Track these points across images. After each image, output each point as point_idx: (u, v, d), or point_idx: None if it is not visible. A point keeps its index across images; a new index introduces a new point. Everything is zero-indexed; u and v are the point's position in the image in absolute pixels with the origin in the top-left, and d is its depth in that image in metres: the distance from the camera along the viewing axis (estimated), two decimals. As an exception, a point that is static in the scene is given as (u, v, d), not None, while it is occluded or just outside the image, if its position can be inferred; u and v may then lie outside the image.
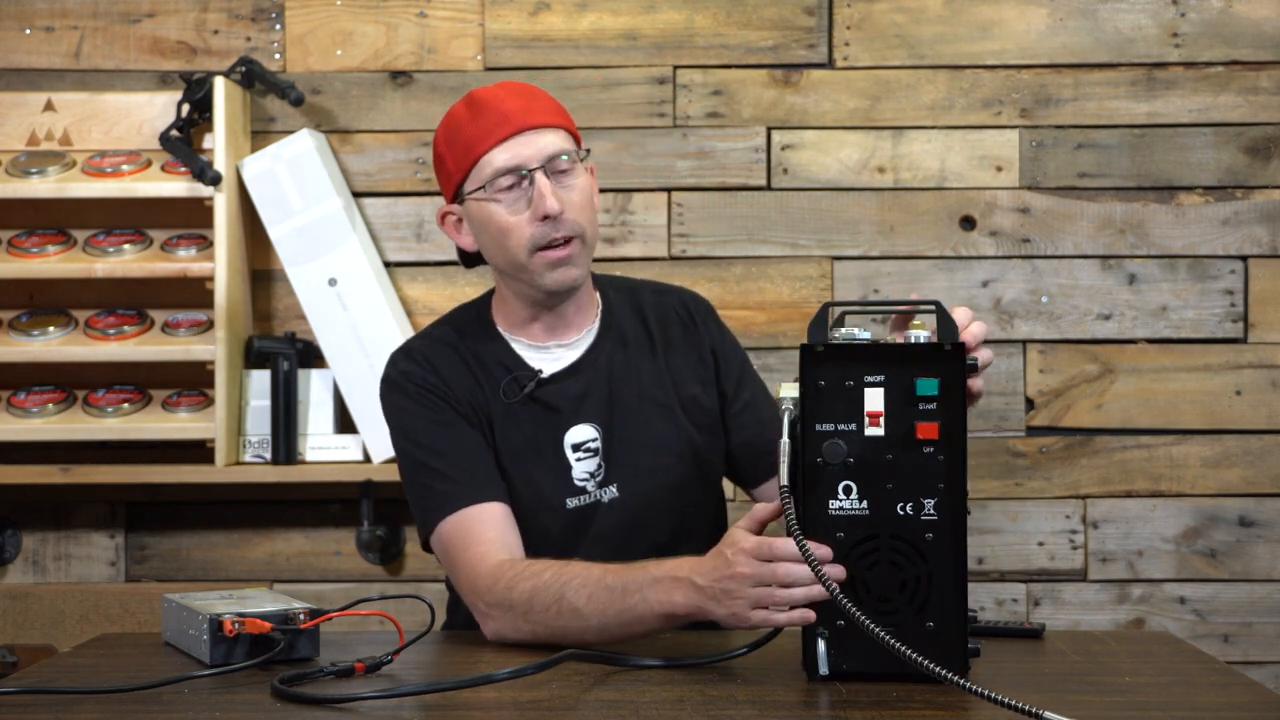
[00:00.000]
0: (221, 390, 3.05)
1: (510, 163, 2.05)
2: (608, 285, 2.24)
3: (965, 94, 3.21)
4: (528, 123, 2.05)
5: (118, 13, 3.25)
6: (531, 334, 2.14)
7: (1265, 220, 3.20)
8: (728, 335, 2.25)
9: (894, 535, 1.67)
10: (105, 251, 3.13)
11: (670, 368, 2.16)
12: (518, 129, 2.05)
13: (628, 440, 2.10)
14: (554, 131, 2.07)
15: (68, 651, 1.98)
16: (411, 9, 3.23)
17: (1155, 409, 3.21)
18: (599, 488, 2.10)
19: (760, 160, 3.21)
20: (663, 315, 2.21)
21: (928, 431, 1.66)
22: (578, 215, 2.06)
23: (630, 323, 2.19)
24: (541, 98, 2.11)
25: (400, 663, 1.78)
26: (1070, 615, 3.21)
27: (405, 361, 2.12)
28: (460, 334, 2.15)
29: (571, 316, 2.15)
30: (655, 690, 1.66)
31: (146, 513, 3.25)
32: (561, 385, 2.12)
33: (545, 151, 2.05)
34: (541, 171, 2.04)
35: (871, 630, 1.54)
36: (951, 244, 3.21)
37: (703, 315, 2.23)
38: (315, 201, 3.11)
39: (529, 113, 2.06)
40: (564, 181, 2.06)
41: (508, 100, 2.07)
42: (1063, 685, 1.71)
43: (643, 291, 2.24)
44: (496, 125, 2.06)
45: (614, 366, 2.14)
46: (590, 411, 2.11)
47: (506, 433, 2.10)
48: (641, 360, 2.15)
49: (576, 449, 2.11)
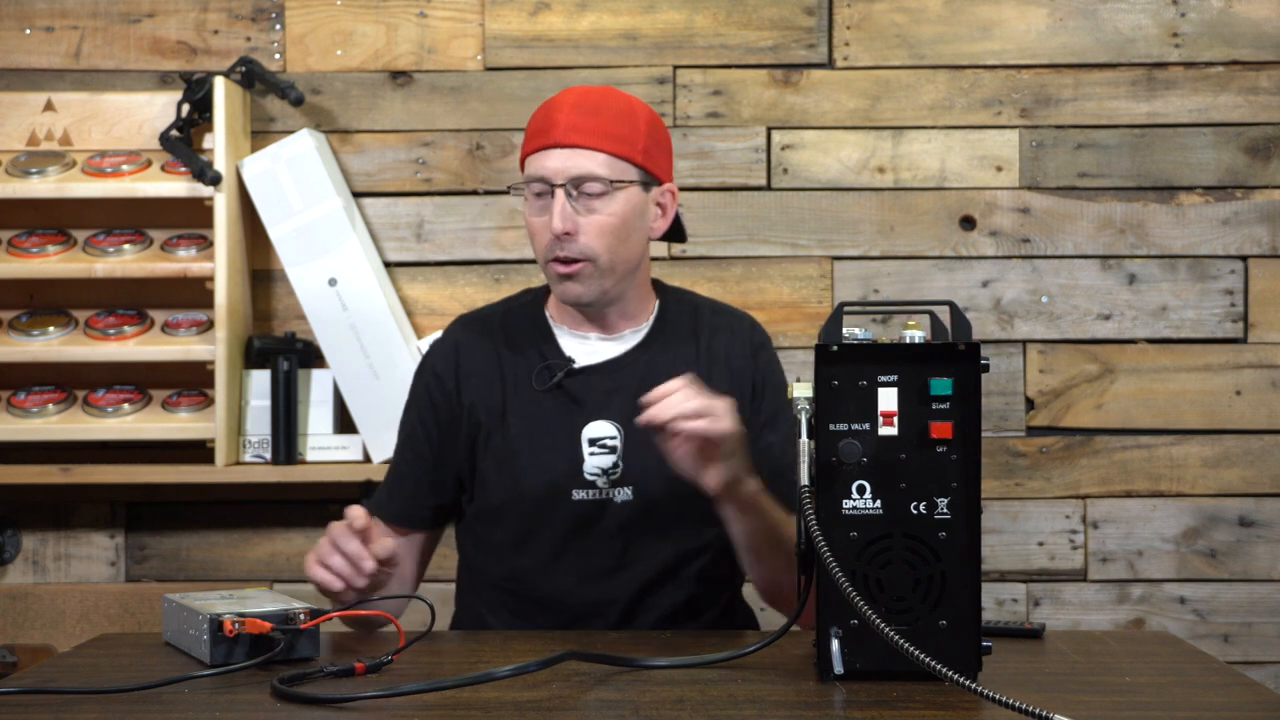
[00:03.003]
0: (221, 390, 3.05)
1: (538, 173, 2.10)
2: (670, 296, 2.26)
3: (965, 94, 3.21)
4: (566, 140, 2.08)
5: (118, 13, 3.25)
6: (575, 323, 2.19)
7: (1265, 220, 3.20)
8: (777, 373, 2.23)
9: (908, 534, 1.67)
10: (105, 251, 3.13)
11: (709, 381, 2.14)
12: (555, 143, 2.08)
13: (648, 444, 2.10)
14: (592, 154, 2.08)
15: (68, 651, 1.98)
16: (411, 9, 3.23)
17: (1155, 409, 3.21)
18: (612, 486, 2.11)
19: (760, 160, 3.22)
20: (714, 332, 2.21)
21: (941, 431, 1.67)
22: (593, 240, 2.08)
23: (681, 334, 2.20)
24: (609, 114, 2.11)
25: (400, 663, 1.78)
26: (1070, 615, 3.21)
27: (440, 342, 2.27)
28: (508, 313, 2.25)
29: (613, 320, 2.18)
30: (655, 690, 1.66)
31: (146, 513, 3.25)
32: (591, 378, 2.15)
33: (572, 172, 2.07)
34: (564, 190, 2.07)
35: (881, 629, 1.55)
36: (951, 244, 3.21)
37: (759, 345, 2.23)
38: (315, 201, 3.11)
39: (574, 130, 2.08)
40: (590, 204, 2.08)
41: (565, 110, 2.10)
42: (1063, 685, 1.71)
43: (703, 309, 2.26)
44: (543, 131, 2.10)
45: (651, 370, 2.14)
46: (614, 409, 2.13)
47: (524, 413, 2.14)
48: (681, 369, 2.13)
49: (593, 443, 2.12)
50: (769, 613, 3.18)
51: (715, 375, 2.16)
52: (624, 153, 2.09)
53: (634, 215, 2.11)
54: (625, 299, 2.17)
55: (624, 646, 1.86)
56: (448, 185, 3.23)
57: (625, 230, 2.10)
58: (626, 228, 2.10)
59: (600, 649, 1.80)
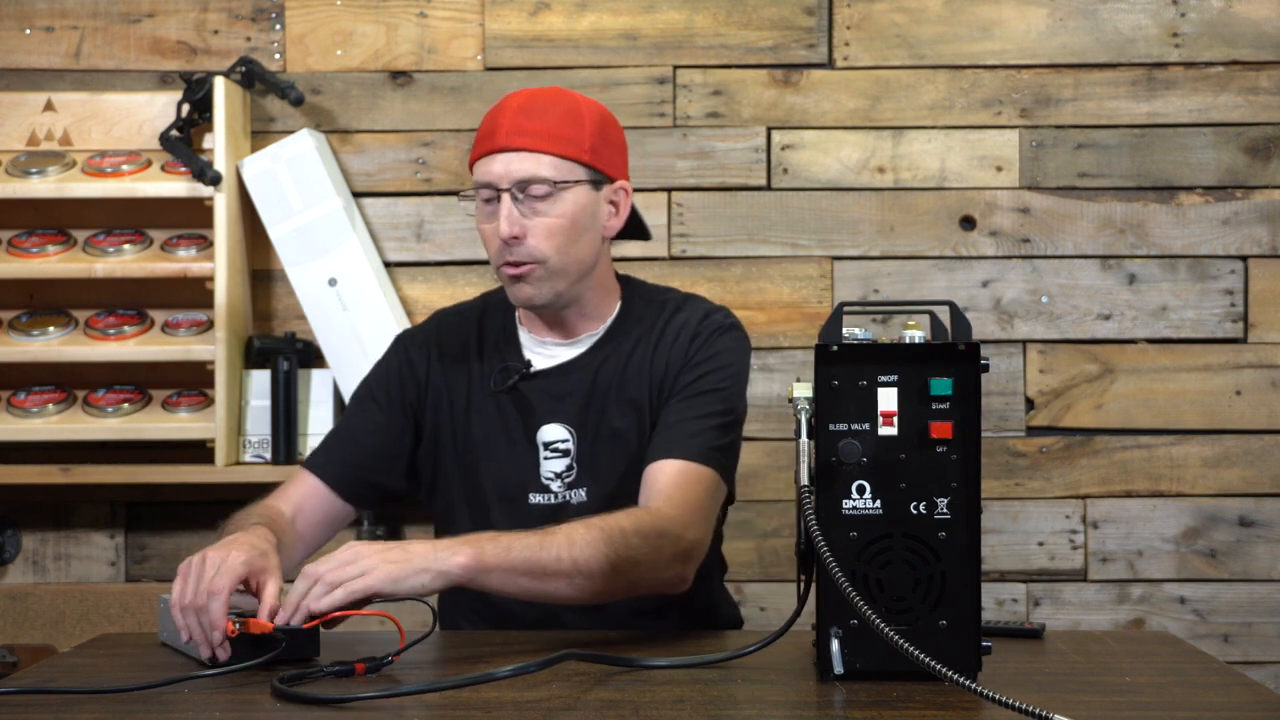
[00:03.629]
0: (221, 390, 3.06)
1: (484, 178, 2.08)
2: (637, 294, 2.22)
3: (965, 94, 3.21)
4: (510, 144, 2.06)
5: (118, 13, 3.25)
6: (536, 327, 2.18)
7: (1265, 220, 3.20)
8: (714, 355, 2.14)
9: (907, 534, 1.67)
10: (105, 251, 3.13)
11: (654, 375, 2.14)
12: (500, 147, 2.07)
13: (600, 446, 2.10)
14: (536, 156, 2.06)
15: (68, 651, 1.98)
16: (411, 9, 3.23)
17: (1155, 409, 3.21)
18: (567, 489, 2.11)
19: (760, 160, 3.22)
20: (667, 324, 2.16)
21: (941, 431, 1.66)
22: (540, 242, 2.06)
23: (637, 333, 2.17)
24: (551, 117, 2.08)
25: (401, 663, 1.78)
26: (1070, 615, 3.21)
27: (421, 328, 2.27)
28: (485, 311, 2.24)
29: (572, 322, 2.16)
30: (655, 690, 1.66)
31: (146, 513, 3.25)
32: (546, 383, 2.14)
33: (516, 175, 2.06)
34: (509, 194, 2.06)
35: (881, 629, 1.55)
36: (951, 244, 3.21)
37: (701, 330, 2.15)
38: (315, 201, 3.11)
39: (517, 133, 2.07)
40: (538, 207, 2.06)
41: (509, 115, 2.08)
42: (1063, 685, 1.71)
43: (668, 304, 2.20)
44: (488, 136, 2.09)
45: (604, 373, 2.14)
46: (565, 413, 2.12)
47: (485, 415, 2.14)
48: (632, 366, 2.14)
49: (547, 446, 2.12)
50: (769, 613, 3.19)
51: (656, 365, 2.13)
52: (569, 153, 2.07)
53: (583, 215, 2.09)
54: (582, 300, 2.14)
55: (624, 647, 1.85)
56: (448, 185, 3.23)
57: (575, 231, 2.08)
58: (576, 228, 2.08)
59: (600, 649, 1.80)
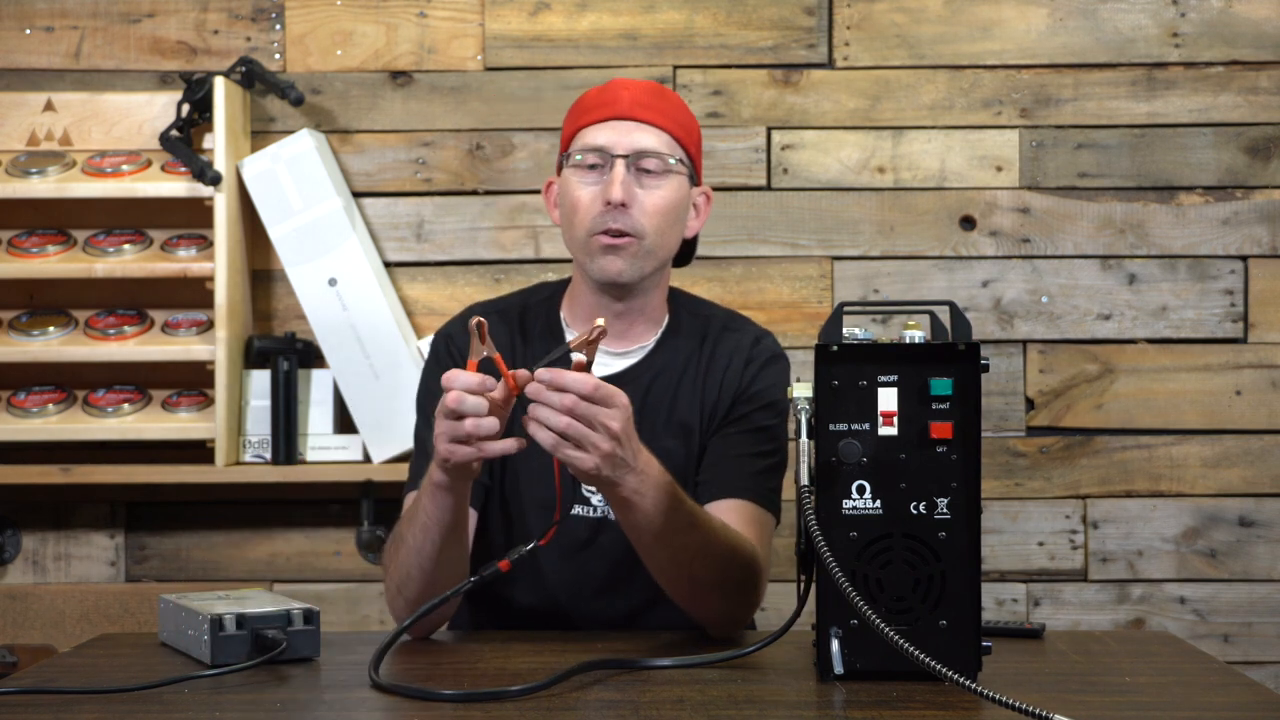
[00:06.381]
0: (221, 390, 3.05)
1: (598, 142, 2.07)
2: (684, 307, 2.21)
3: (965, 94, 3.21)
4: (632, 114, 2.07)
5: (118, 13, 3.25)
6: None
7: (1265, 220, 3.20)
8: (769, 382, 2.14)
9: (907, 534, 1.67)
10: (105, 251, 3.13)
11: (706, 400, 2.12)
12: (620, 115, 2.07)
13: None
14: (657, 132, 2.07)
15: (68, 651, 1.98)
16: (411, 9, 3.23)
17: (1155, 409, 3.21)
18: (606, 503, 2.08)
19: (760, 160, 3.22)
20: (717, 345, 2.15)
21: (941, 431, 1.67)
22: (645, 217, 2.05)
23: (689, 348, 2.15)
24: (669, 102, 2.10)
25: (402, 664, 1.77)
26: (1070, 615, 3.21)
27: (458, 322, 2.19)
28: (525, 311, 2.20)
29: (633, 320, 2.13)
30: (655, 690, 1.66)
31: (146, 513, 3.25)
32: None
33: (636, 145, 2.06)
34: (623, 161, 2.05)
35: (881, 629, 1.55)
36: (951, 244, 3.21)
37: (755, 359, 2.14)
38: (315, 201, 3.11)
39: (640, 106, 2.07)
40: (646, 182, 2.06)
41: (630, 90, 2.09)
42: (1063, 685, 1.71)
43: (714, 321, 2.19)
44: (605, 104, 2.08)
45: (654, 389, 2.12)
46: None
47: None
48: (683, 387, 2.12)
49: None
50: (769, 613, 3.19)
51: (709, 390, 2.12)
52: (683, 139, 2.09)
53: (681, 204, 2.09)
54: (649, 295, 2.13)
55: (625, 647, 1.86)
56: (448, 185, 3.23)
57: (673, 215, 2.08)
58: (674, 213, 2.08)
59: (600, 650, 1.80)
